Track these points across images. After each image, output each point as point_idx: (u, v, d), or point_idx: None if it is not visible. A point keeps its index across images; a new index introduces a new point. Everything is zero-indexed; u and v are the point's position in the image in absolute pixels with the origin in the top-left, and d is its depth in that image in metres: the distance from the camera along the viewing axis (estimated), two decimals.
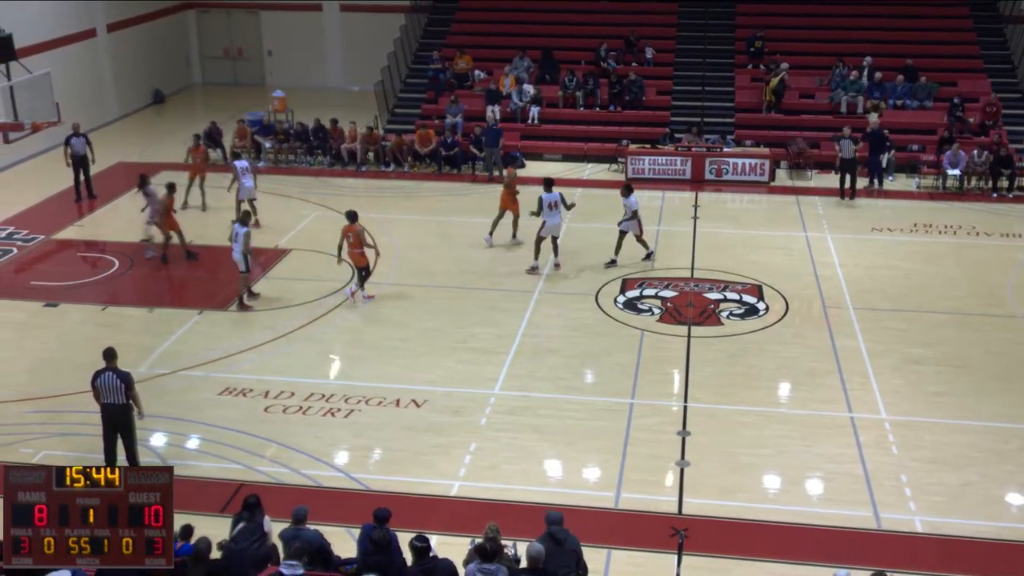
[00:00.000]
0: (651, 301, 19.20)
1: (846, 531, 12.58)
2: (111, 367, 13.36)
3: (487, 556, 9.89)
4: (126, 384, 13.27)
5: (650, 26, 32.51)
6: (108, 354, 13.49)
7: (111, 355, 13.48)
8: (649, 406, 15.50)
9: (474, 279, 20.17)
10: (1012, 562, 11.94)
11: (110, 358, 13.45)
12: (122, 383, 13.26)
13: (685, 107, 29.75)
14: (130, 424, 13.47)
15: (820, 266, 20.86)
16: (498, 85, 29.77)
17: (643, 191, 25.82)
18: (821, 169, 27.24)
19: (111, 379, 13.27)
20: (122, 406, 13.31)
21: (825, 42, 31.16)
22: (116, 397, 13.28)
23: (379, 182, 26.63)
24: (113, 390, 13.26)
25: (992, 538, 12.39)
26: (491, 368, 16.61)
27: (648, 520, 12.79)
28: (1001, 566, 11.47)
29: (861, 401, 15.62)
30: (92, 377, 13.40)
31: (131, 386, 13.33)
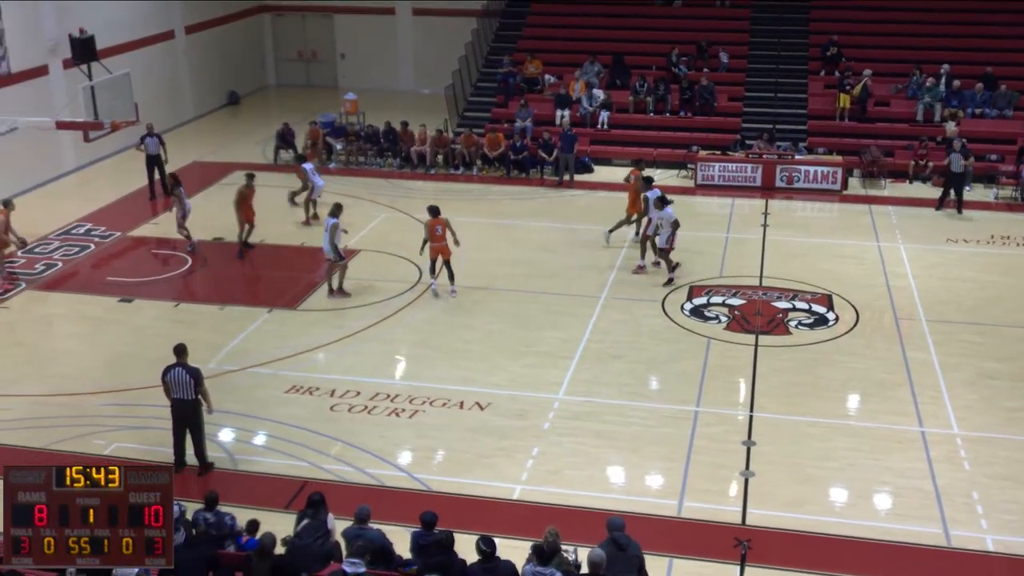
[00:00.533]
0: (718, 309, 19.03)
1: (914, 547, 12.36)
2: (181, 363, 13.60)
3: (543, 558, 9.89)
4: (195, 380, 13.50)
5: (722, 31, 32.23)
6: (178, 350, 13.74)
7: (181, 351, 13.73)
8: (714, 414, 15.36)
9: (541, 283, 20.16)
10: None
11: (180, 354, 13.70)
12: (191, 379, 13.49)
13: (757, 114, 29.42)
14: (198, 420, 13.72)
15: (892, 276, 20.49)
16: (568, 90, 29.74)
17: (712, 198, 25.73)
18: (895, 178, 26.77)
19: (181, 374, 13.51)
20: (191, 401, 13.56)
21: (902, 48, 30.54)
22: (185, 392, 13.52)
23: (447, 185, 26.77)
24: (183, 385, 13.50)
25: None
26: (556, 372, 16.58)
27: (711, 530, 12.68)
28: None
29: (932, 415, 15.31)
30: (162, 372, 13.66)
31: (200, 382, 13.56)
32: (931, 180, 26.48)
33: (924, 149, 26.82)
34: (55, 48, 25.91)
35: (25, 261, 21.20)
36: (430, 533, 10.46)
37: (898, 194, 25.93)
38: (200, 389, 13.55)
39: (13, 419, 15.25)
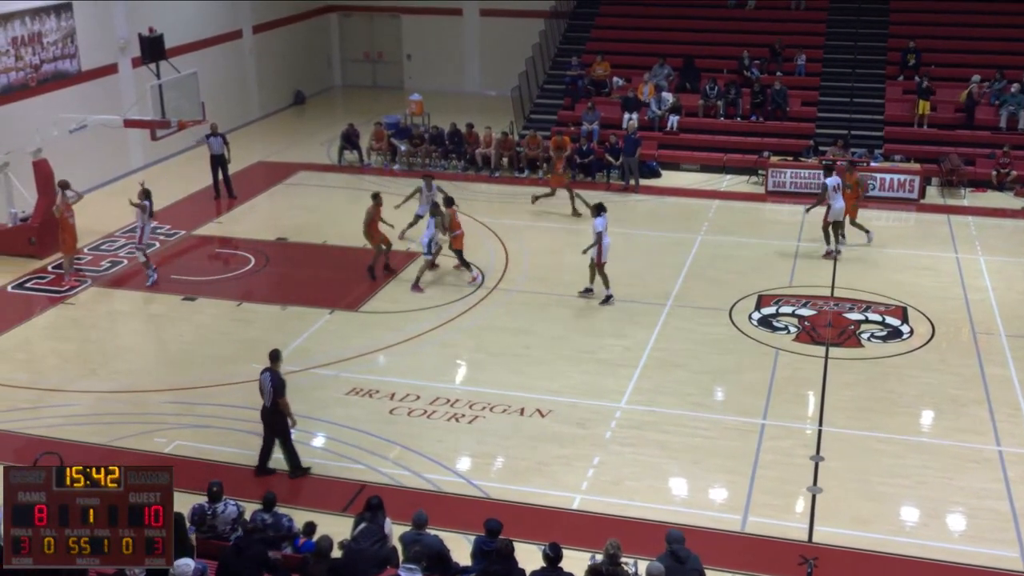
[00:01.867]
0: (787, 319, 18.56)
1: (989, 571, 11.91)
2: (271, 368, 13.50)
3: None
4: (275, 389, 13.34)
5: (797, 34, 31.57)
6: (273, 355, 13.63)
7: (275, 357, 13.61)
8: (781, 428, 14.95)
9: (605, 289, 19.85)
10: None
11: (273, 359, 13.58)
12: (272, 387, 13.35)
13: (831, 119, 28.76)
14: (277, 426, 13.57)
15: (970, 289, 19.82)
16: (636, 92, 29.38)
17: (783, 204, 25.21)
18: (976, 187, 25.97)
19: (266, 380, 13.41)
20: (269, 408, 13.48)
21: (984, 53, 29.69)
22: (267, 399, 13.44)
23: (512, 188, 26.56)
24: (265, 391, 13.42)
25: None
26: (618, 381, 16.29)
27: (776, 546, 12.34)
28: None
29: (1010, 434, 14.74)
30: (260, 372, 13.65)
31: (280, 392, 13.38)
32: (1014, 190, 25.66)
33: (1007, 158, 25.99)
34: (125, 47, 26.24)
35: (92, 258, 21.45)
36: (493, 541, 10.28)
37: (978, 204, 25.13)
38: (278, 399, 13.38)
39: (77, 415, 15.36)
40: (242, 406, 15.08)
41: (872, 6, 31.83)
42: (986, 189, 25.88)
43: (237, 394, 15.61)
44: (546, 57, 32.52)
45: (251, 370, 15.78)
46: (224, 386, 15.88)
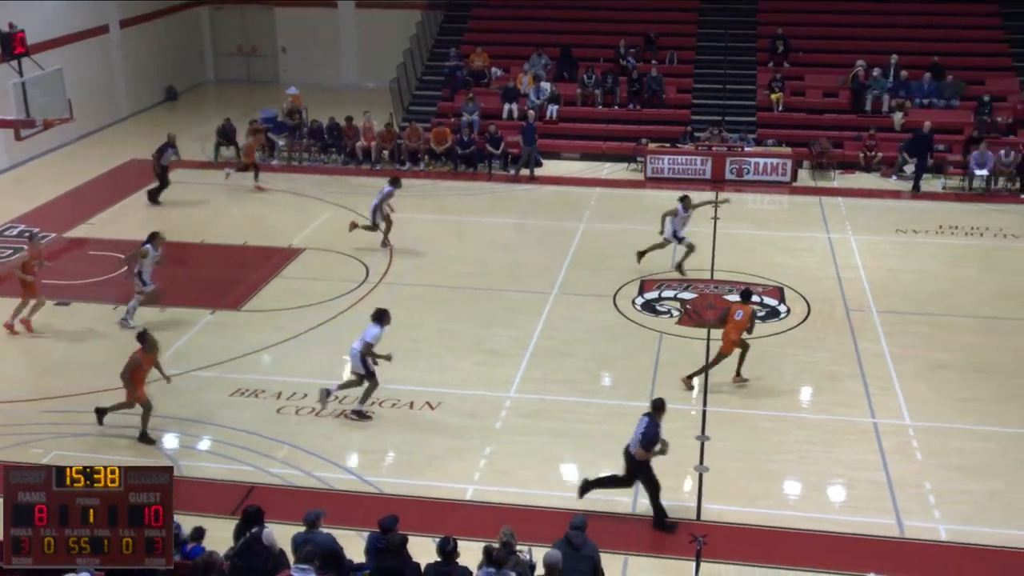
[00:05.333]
0: (670, 303, 18.91)
1: (868, 539, 12.33)
2: None
3: (494, 562, 9.71)
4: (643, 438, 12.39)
5: (670, 23, 32.18)
6: (656, 405, 12.65)
7: (654, 405, 12.64)
8: (668, 410, 15.12)
9: (490, 280, 19.90)
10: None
11: (656, 409, 12.55)
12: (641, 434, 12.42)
13: (706, 106, 29.41)
14: None
15: (843, 268, 20.52)
16: (515, 83, 29.51)
17: (663, 191, 25.64)
18: (844, 169, 26.88)
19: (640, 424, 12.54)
20: None
21: (849, 39, 30.74)
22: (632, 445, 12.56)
23: None
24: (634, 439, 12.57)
25: (1019, 547, 12.10)
26: (507, 370, 16.36)
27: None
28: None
29: (884, 406, 15.32)
30: None
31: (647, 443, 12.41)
32: (880, 171, 26.64)
33: (873, 140, 26.97)
34: None
35: None
36: (386, 536, 10.20)
37: (848, 185, 26.04)
38: (637, 448, 12.42)
39: None
40: (122, 412, 14.62)
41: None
42: (854, 171, 26.84)
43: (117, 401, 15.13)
44: (424, 49, 32.41)
45: None
46: (103, 392, 15.36)
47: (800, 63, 30.32)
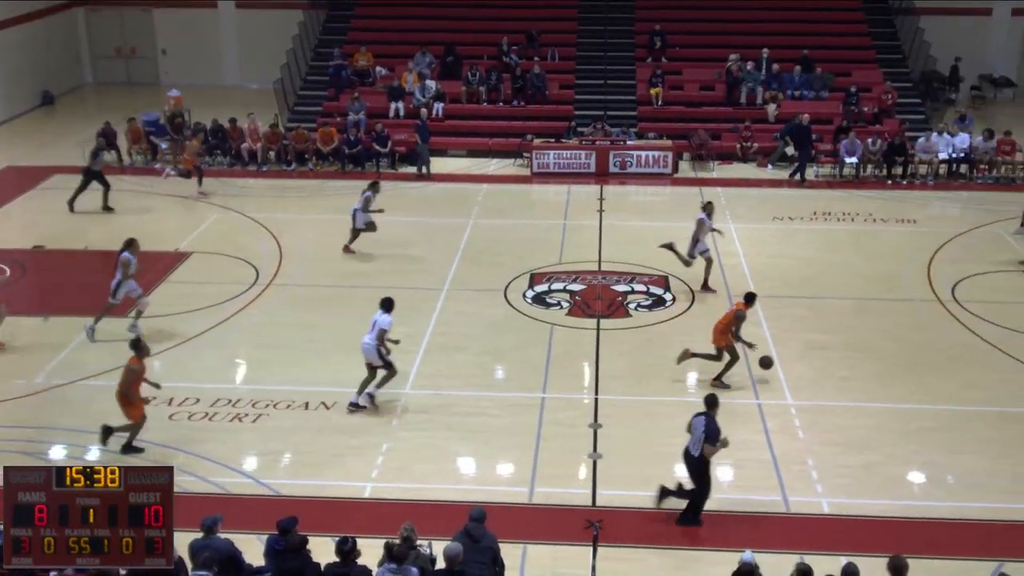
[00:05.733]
0: (560, 295, 19.26)
1: (756, 516, 12.78)
2: (707, 414, 12.52)
3: (395, 558, 9.81)
4: (707, 435, 12.33)
5: (551, 20, 32.63)
6: (709, 401, 12.70)
7: (713, 403, 12.66)
8: (561, 400, 15.54)
9: (381, 278, 19.93)
10: (916, 539, 12.24)
11: (711, 406, 12.61)
12: (703, 432, 12.36)
13: (588, 101, 29.94)
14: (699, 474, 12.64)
15: (724, 256, 21.14)
16: (401, 81, 29.56)
17: (548, 185, 26.05)
18: (723, 160, 27.69)
19: (698, 424, 12.49)
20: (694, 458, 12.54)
21: (723, 35, 31.65)
22: (693, 446, 12.51)
23: (282, 182, 26.19)
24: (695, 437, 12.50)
25: (896, 516, 12.71)
26: (401, 367, 16.31)
27: (563, 513, 12.83)
28: (906, 544, 11.71)
29: (767, 388, 15.89)
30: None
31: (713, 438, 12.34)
32: (756, 161, 27.52)
33: (749, 131, 27.84)
34: None
35: None
36: (285, 538, 10.21)
37: (726, 175, 26.84)
38: (706, 446, 12.30)
39: None
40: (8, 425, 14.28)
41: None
42: (732, 161, 27.69)
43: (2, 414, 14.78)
44: (307, 48, 32.18)
45: (16, 387, 15.07)
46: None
47: (677, 58, 31.11)
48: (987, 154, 26.48)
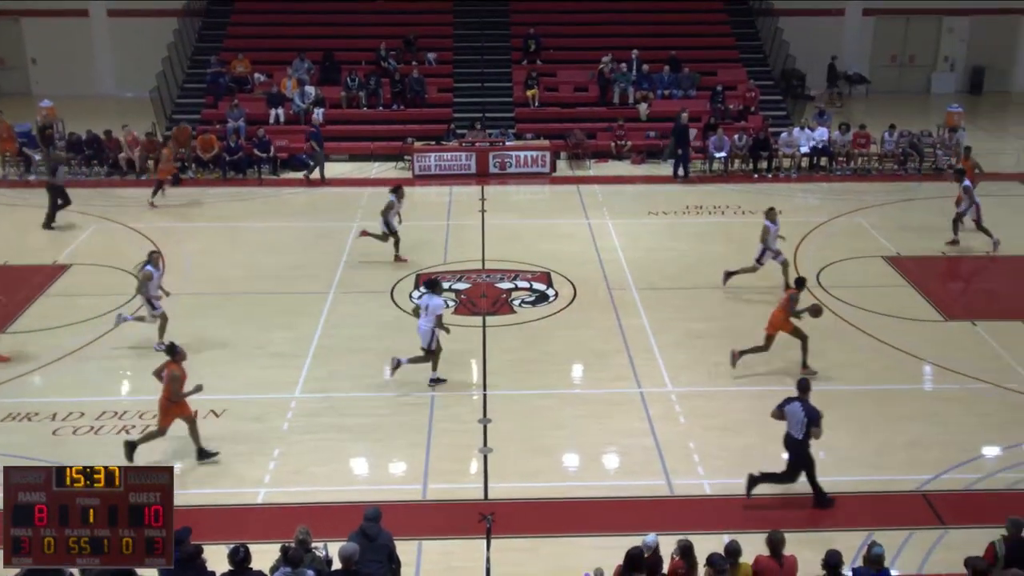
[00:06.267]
0: (445, 294, 19.50)
1: (643, 500, 13.22)
2: (801, 398, 12.94)
3: (290, 562, 9.92)
4: (809, 419, 12.76)
5: (427, 25, 32.93)
6: (803, 386, 13.11)
7: (805, 387, 13.07)
8: (450, 396, 15.82)
9: (268, 284, 19.97)
10: (792, 514, 12.87)
11: (803, 390, 13.03)
12: (806, 417, 12.76)
13: (466, 103, 30.33)
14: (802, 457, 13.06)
15: (603, 251, 21.78)
16: (280, 88, 29.46)
17: (430, 187, 26.34)
18: (598, 158, 28.41)
19: (796, 408, 12.88)
20: (797, 441, 12.93)
21: (595, 37, 32.41)
22: (796, 430, 12.91)
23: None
24: (797, 422, 12.89)
25: (774, 494, 13.29)
26: (290, 372, 16.50)
27: (456, 508, 13.08)
28: (782, 519, 12.31)
29: (648, 376, 16.44)
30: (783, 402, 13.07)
31: (815, 423, 12.78)
32: (630, 158, 28.32)
33: (622, 130, 28.63)
34: None
35: None
36: (179, 548, 10.21)
37: (603, 173, 27.56)
38: (813, 430, 12.77)
39: None
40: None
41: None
42: (607, 159, 28.44)
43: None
44: (183, 56, 31.77)
45: None
46: None
47: (552, 60, 31.79)
48: (844, 147, 27.83)
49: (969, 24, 37.79)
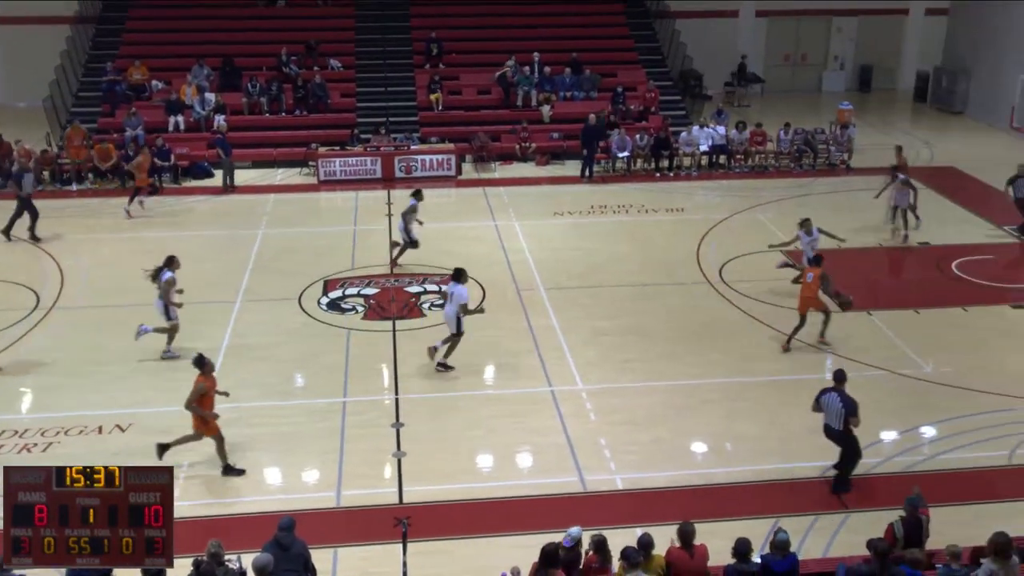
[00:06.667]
0: (354, 300, 19.51)
1: (557, 498, 13.38)
2: (837, 388, 13.27)
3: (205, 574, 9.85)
4: (847, 410, 13.09)
5: (329, 30, 32.72)
6: (838, 377, 13.46)
7: (841, 378, 13.42)
8: (363, 402, 15.79)
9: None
10: (702, 505, 13.16)
11: (839, 380, 13.39)
12: (843, 408, 13.10)
13: (370, 108, 30.24)
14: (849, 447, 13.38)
15: (511, 252, 21.96)
16: (179, 95, 28.98)
17: (336, 193, 26.23)
18: (503, 160, 28.60)
19: (834, 399, 13.22)
20: (837, 431, 13.25)
21: (497, 40, 32.60)
22: (835, 421, 13.21)
23: (61, 202, 25.21)
24: (834, 413, 13.22)
25: (683, 486, 13.66)
26: None
27: (371, 514, 13.05)
28: (693, 510, 12.54)
29: (559, 375, 16.64)
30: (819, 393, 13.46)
31: (854, 413, 13.12)
32: (535, 160, 28.59)
33: (526, 132, 28.87)
34: None
35: None
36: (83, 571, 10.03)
37: (508, 175, 27.76)
38: (852, 420, 13.06)
39: None
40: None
41: (394, 1, 33.72)
42: (512, 161, 28.67)
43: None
44: (77, 64, 31.01)
45: None
46: None
47: (454, 64, 31.88)
48: (742, 145, 28.51)
49: (857, 24, 39.04)
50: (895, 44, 39.53)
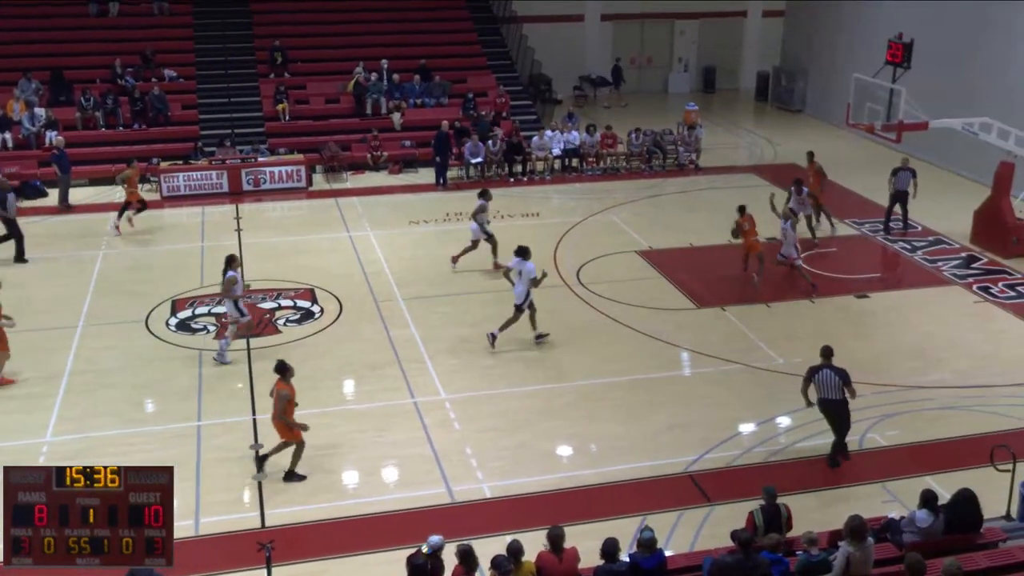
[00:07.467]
0: (205, 319, 18.87)
1: (425, 510, 13.21)
2: (828, 364, 13.81)
3: None
4: (843, 380, 13.70)
5: (166, 40, 31.64)
6: (826, 352, 13.98)
7: (829, 353, 13.96)
8: (219, 425, 15.28)
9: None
10: (570, 507, 13.18)
11: (827, 355, 13.93)
12: (839, 379, 13.70)
13: (213, 120, 29.38)
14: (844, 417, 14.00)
15: (367, 263, 21.63)
16: (6, 111, 27.52)
17: (181, 208, 25.36)
18: (355, 170, 28.20)
19: (829, 376, 13.73)
20: (837, 401, 13.84)
21: (344, 47, 32.16)
22: (833, 392, 13.78)
23: None
24: (830, 386, 13.76)
25: (551, 490, 13.67)
26: (40, 414, 15.44)
27: (232, 540, 12.66)
28: (561, 513, 12.59)
29: (422, 385, 16.47)
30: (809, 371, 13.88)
31: (848, 382, 13.72)
32: (388, 168, 28.30)
33: (377, 141, 28.54)
34: None
35: None
36: None
37: (360, 185, 27.38)
38: (848, 391, 13.71)
39: None
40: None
41: (234, 8, 32.88)
42: (364, 171, 28.31)
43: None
44: None
45: None
46: None
47: (301, 72, 31.27)
48: (593, 148, 28.87)
49: (699, 27, 40.11)
50: (736, 45, 40.79)
